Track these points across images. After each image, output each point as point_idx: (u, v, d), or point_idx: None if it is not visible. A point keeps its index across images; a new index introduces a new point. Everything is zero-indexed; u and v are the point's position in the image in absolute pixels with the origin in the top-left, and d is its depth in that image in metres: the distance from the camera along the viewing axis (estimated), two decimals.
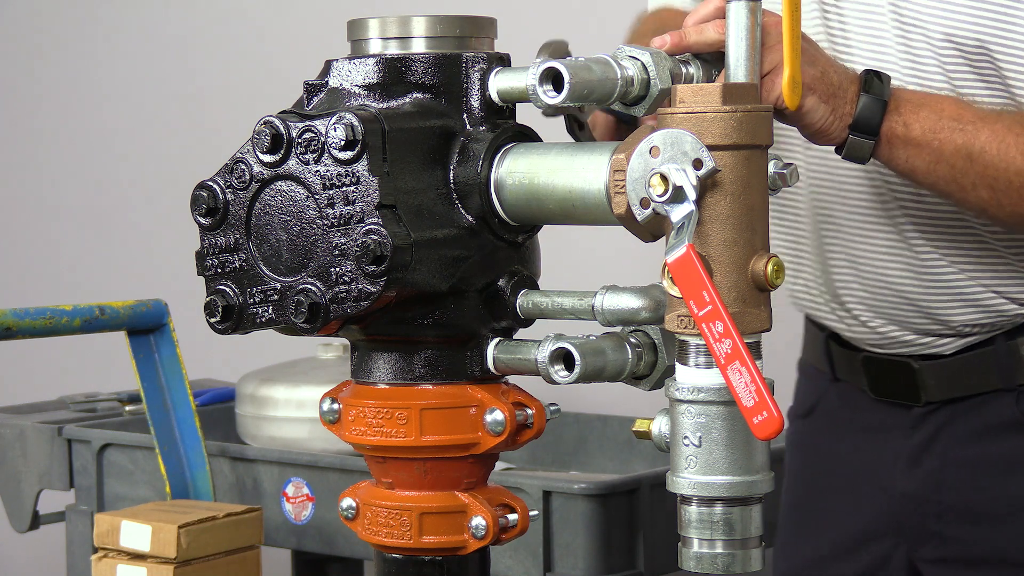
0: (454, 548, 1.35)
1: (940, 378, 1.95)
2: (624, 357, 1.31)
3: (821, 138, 1.63)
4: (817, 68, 1.58)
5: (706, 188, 1.20)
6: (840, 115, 1.61)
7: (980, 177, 1.70)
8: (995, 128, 1.69)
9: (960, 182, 1.70)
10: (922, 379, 1.96)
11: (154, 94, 4.10)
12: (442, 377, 1.33)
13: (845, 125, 1.62)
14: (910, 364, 1.96)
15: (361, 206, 1.25)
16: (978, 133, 1.69)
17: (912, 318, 1.93)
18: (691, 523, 1.23)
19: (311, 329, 1.28)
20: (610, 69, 1.30)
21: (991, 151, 1.69)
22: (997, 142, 1.69)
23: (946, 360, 1.95)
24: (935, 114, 1.68)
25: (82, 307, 2.69)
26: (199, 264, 1.33)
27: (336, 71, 1.33)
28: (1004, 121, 1.70)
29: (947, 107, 1.69)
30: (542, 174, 1.30)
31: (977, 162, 1.69)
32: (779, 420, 1.14)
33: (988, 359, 1.93)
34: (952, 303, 1.91)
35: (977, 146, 1.69)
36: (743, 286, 1.21)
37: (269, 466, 2.77)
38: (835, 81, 1.61)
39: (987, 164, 1.69)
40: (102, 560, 2.54)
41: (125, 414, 3.16)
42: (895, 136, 1.66)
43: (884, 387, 2.00)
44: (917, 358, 1.96)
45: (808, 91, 1.57)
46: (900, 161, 1.69)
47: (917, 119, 1.67)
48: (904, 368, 1.97)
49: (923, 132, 1.67)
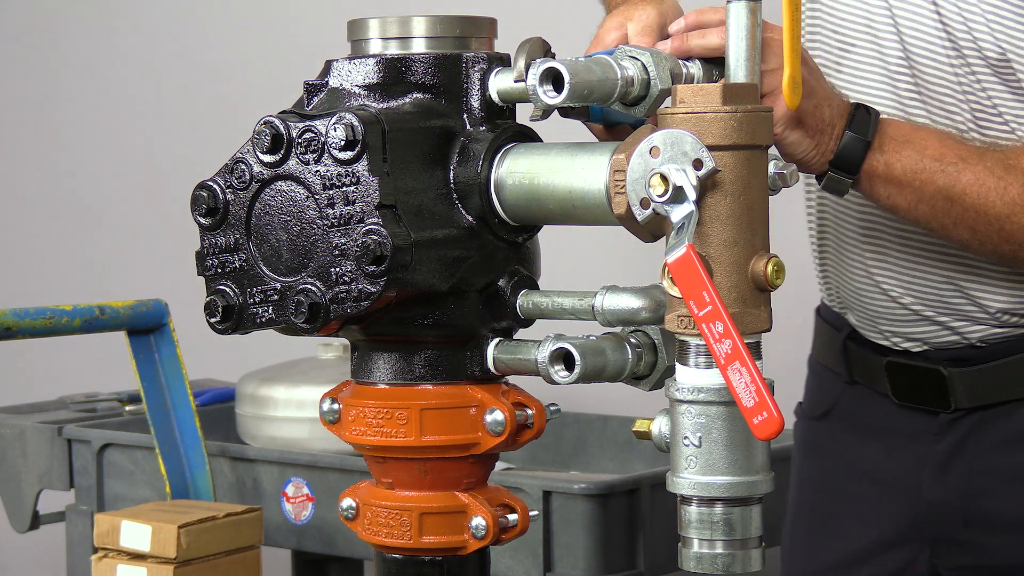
0: (454, 548, 1.35)
1: (970, 385, 1.93)
2: (624, 357, 1.31)
3: (801, 167, 1.65)
4: (812, 102, 1.59)
5: (706, 188, 1.20)
6: (822, 151, 1.63)
7: (960, 218, 1.71)
8: (976, 170, 1.70)
9: (941, 221, 1.72)
10: (952, 385, 1.93)
11: (154, 94, 4.10)
12: (442, 377, 1.33)
13: (826, 160, 1.64)
14: (939, 371, 1.94)
15: (361, 206, 1.25)
16: (959, 175, 1.69)
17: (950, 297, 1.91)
18: (691, 523, 1.23)
19: (311, 329, 1.28)
20: (610, 69, 1.30)
21: (971, 194, 1.70)
22: (977, 185, 1.70)
23: (977, 368, 1.92)
24: (917, 153, 1.69)
25: (82, 307, 2.69)
26: (199, 264, 1.33)
27: (336, 71, 1.33)
28: (986, 162, 1.71)
29: (931, 145, 1.70)
30: (542, 174, 1.30)
31: (957, 204, 1.70)
32: (779, 420, 1.14)
33: (1018, 366, 1.91)
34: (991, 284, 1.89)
35: (958, 188, 1.69)
36: (743, 286, 1.21)
37: (269, 466, 2.77)
38: (827, 117, 1.62)
39: (967, 207, 1.70)
40: (102, 560, 2.54)
41: (125, 414, 3.17)
42: (876, 175, 1.68)
43: (910, 393, 1.97)
44: (947, 363, 1.94)
45: (797, 124, 1.58)
46: (881, 198, 1.70)
47: (899, 158, 1.68)
48: (933, 374, 1.95)
49: (904, 172, 1.68)
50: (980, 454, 1.95)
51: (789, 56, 1.36)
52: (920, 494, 1.98)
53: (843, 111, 1.64)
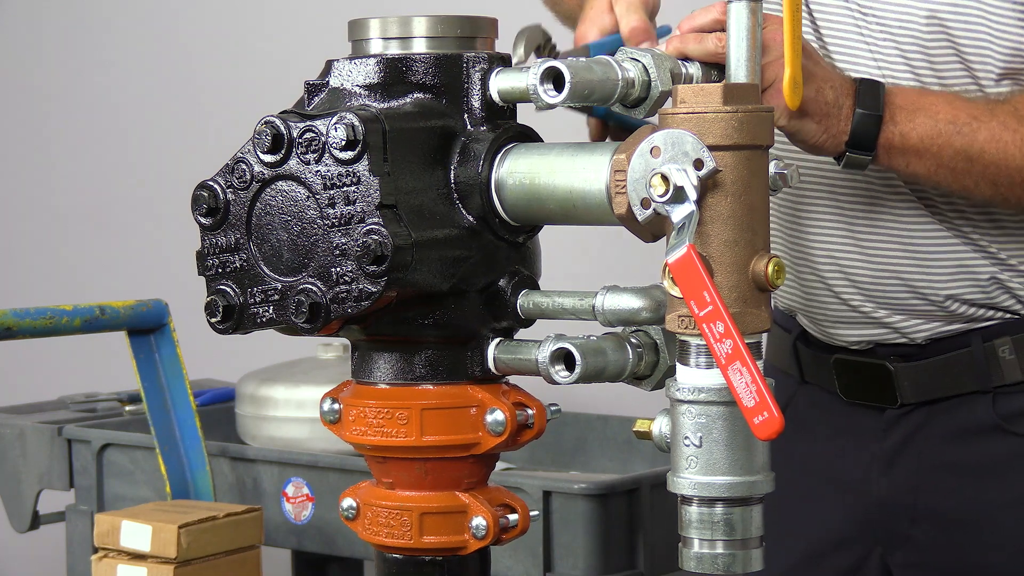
0: (455, 548, 1.35)
1: (916, 380, 1.94)
2: (625, 357, 1.31)
3: (815, 152, 1.66)
4: (811, 87, 1.59)
5: (707, 188, 1.20)
6: (833, 133, 1.63)
7: (982, 176, 1.72)
8: (991, 126, 1.71)
9: (963, 182, 1.72)
10: (898, 380, 1.94)
11: (155, 94, 4.10)
12: (443, 377, 1.33)
13: (840, 142, 1.64)
14: (885, 365, 1.95)
15: (362, 206, 1.25)
16: (976, 134, 1.70)
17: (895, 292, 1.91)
18: (692, 523, 1.23)
19: (312, 329, 1.28)
20: (611, 70, 1.30)
21: (990, 150, 1.71)
22: (995, 141, 1.71)
23: (923, 362, 1.93)
24: (931, 119, 1.69)
25: (82, 307, 2.69)
26: (200, 264, 1.33)
27: (337, 71, 1.33)
28: (998, 117, 1.72)
29: (941, 109, 1.70)
30: (543, 174, 1.30)
31: (977, 163, 1.71)
32: (780, 420, 1.14)
33: (964, 360, 1.91)
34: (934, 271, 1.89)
35: (976, 148, 1.70)
36: (744, 286, 1.21)
37: (269, 466, 2.77)
38: (830, 99, 1.62)
39: (987, 164, 1.71)
40: (102, 560, 2.54)
41: (125, 414, 3.17)
42: (892, 147, 1.68)
43: (857, 390, 1.98)
44: (893, 359, 1.95)
45: (800, 112, 1.58)
46: (900, 167, 1.71)
47: (914, 127, 1.68)
48: (879, 370, 1.95)
49: (920, 139, 1.69)
50: (926, 450, 1.95)
51: (790, 56, 1.36)
52: (870, 491, 1.99)
53: (847, 89, 1.65)
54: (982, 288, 1.88)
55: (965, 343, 1.91)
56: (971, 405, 1.92)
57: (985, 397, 1.92)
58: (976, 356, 1.91)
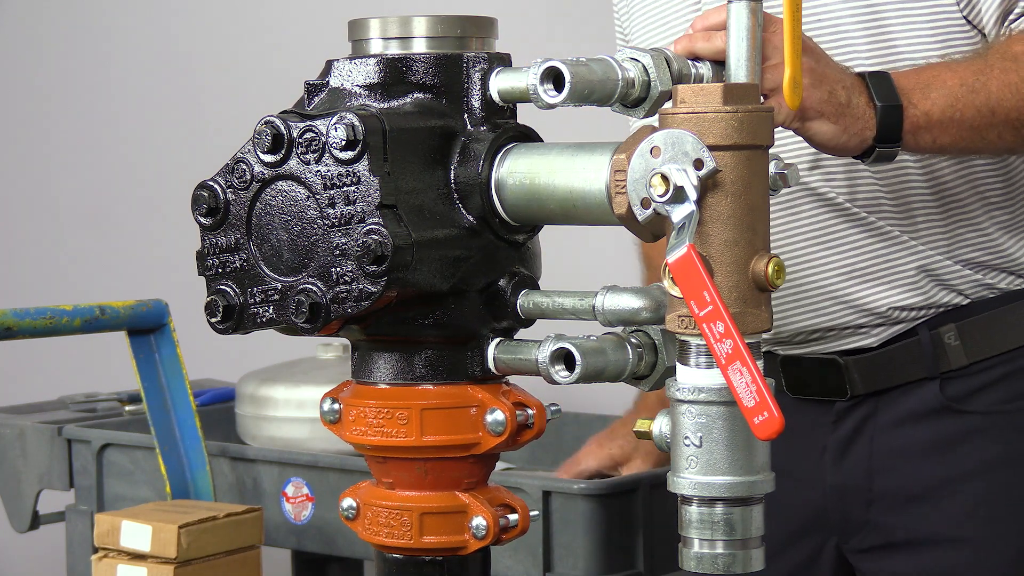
0: (455, 548, 1.35)
1: (866, 372, 1.97)
2: (625, 357, 1.31)
3: (837, 153, 1.66)
4: (823, 89, 1.59)
5: (707, 188, 1.20)
6: (855, 131, 1.63)
7: (1004, 124, 1.75)
8: (995, 75, 1.74)
9: (986, 137, 1.75)
10: (849, 374, 1.97)
11: (154, 94, 4.10)
12: (443, 377, 1.33)
13: (865, 139, 1.65)
14: (836, 360, 1.97)
15: (362, 206, 1.25)
16: (987, 87, 1.74)
17: (835, 311, 1.94)
18: (692, 523, 1.23)
19: (312, 329, 1.28)
20: (611, 70, 1.30)
21: (1006, 96, 1.74)
22: (1005, 87, 1.74)
23: (872, 354, 1.96)
24: (943, 89, 1.71)
25: (82, 307, 2.69)
26: (200, 264, 1.33)
27: (337, 71, 1.33)
28: (995, 65, 1.75)
29: (947, 77, 1.73)
30: (543, 174, 1.30)
31: (999, 113, 1.74)
32: (780, 420, 1.14)
33: (913, 349, 1.95)
34: (874, 285, 1.91)
35: (993, 99, 1.74)
36: (744, 286, 1.21)
37: (269, 466, 2.77)
38: (843, 99, 1.62)
39: (1009, 109, 1.74)
40: (102, 560, 2.54)
41: (125, 414, 3.16)
42: (919, 128, 1.70)
43: (806, 386, 2.01)
44: (842, 354, 1.97)
45: (816, 115, 1.58)
46: (927, 145, 1.73)
47: (933, 102, 1.71)
48: (830, 365, 1.97)
49: (943, 111, 1.71)
50: (877, 435, 1.98)
51: (790, 56, 1.36)
52: (824, 481, 2.01)
53: (856, 87, 1.65)
54: (915, 287, 1.92)
55: (913, 332, 1.95)
56: (919, 391, 1.96)
57: (932, 383, 1.96)
58: (924, 344, 1.94)
